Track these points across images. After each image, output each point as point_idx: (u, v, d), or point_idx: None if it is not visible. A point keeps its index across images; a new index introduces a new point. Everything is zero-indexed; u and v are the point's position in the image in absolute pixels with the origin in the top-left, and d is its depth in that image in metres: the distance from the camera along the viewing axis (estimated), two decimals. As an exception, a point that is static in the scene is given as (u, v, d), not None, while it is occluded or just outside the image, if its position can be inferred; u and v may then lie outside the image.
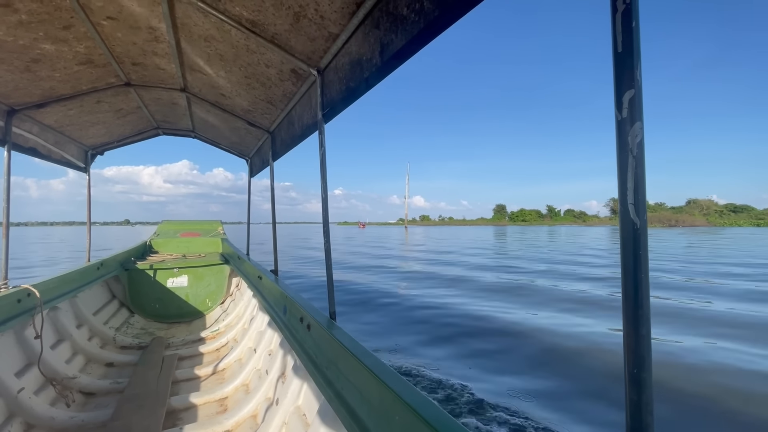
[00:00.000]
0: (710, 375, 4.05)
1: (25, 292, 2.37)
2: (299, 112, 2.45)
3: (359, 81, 1.51)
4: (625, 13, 0.59)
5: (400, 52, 1.22)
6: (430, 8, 1.04)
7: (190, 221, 6.38)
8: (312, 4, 1.47)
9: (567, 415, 3.24)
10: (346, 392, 1.34)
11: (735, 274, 11.76)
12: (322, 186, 1.94)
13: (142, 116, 3.52)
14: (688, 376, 4.00)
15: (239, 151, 4.44)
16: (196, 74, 2.55)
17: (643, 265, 0.60)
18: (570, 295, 8.45)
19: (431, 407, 0.95)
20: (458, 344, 5.08)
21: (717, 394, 3.62)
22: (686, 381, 3.90)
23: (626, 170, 0.60)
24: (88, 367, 2.85)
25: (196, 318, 4.37)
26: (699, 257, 17.26)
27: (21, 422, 2.02)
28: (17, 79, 2.20)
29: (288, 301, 2.27)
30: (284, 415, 1.95)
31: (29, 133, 2.77)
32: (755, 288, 9.23)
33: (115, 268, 4.10)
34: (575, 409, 3.35)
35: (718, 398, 3.55)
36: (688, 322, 6.17)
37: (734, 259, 16.05)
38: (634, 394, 0.60)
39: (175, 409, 2.33)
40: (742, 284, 9.77)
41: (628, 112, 0.60)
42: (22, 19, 1.71)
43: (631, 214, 0.60)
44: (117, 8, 1.80)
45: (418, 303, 7.64)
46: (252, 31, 1.78)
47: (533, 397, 3.56)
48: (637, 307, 0.60)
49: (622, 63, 0.60)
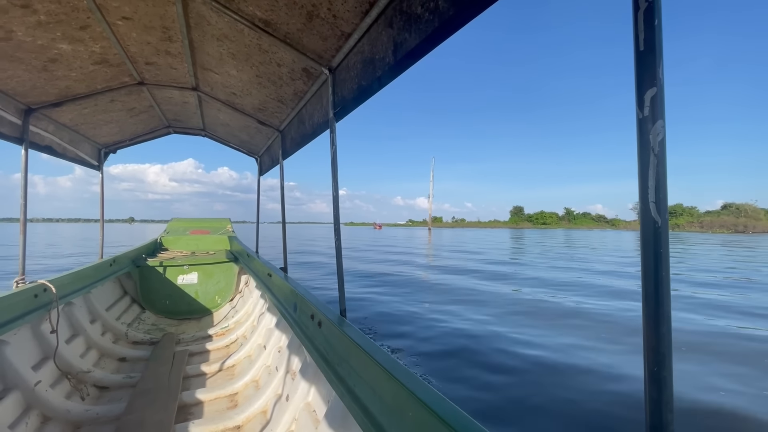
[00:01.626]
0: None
1: (41, 287, 2.42)
2: (310, 111, 2.46)
3: (371, 80, 1.52)
4: (648, 11, 0.59)
5: (414, 51, 1.22)
6: (445, 7, 1.04)
7: (200, 219, 6.46)
8: (325, 3, 1.48)
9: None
10: (358, 389, 1.35)
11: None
12: (333, 185, 1.95)
13: (153, 115, 3.56)
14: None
15: (249, 149, 4.48)
16: (208, 73, 2.58)
17: (664, 263, 0.60)
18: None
19: (445, 404, 0.96)
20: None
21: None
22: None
23: (647, 169, 0.60)
24: (102, 362, 2.91)
25: (206, 315, 4.42)
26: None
27: (38, 414, 2.06)
28: (35, 78, 2.25)
29: (298, 298, 2.29)
30: (294, 411, 1.97)
31: (45, 131, 2.82)
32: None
33: (126, 265, 4.17)
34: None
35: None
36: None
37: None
38: (655, 392, 0.60)
39: (186, 404, 2.36)
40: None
41: (650, 111, 0.60)
42: (40, 19, 1.75)
43: (653, 212, 0.60)
44: (133, 8, 1.82)
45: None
46: (265, 31, 1.80)
47: None
48: (658, 305, 0.60)
49: (644, 61, 0.60)
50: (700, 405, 3.54)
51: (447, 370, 4.24)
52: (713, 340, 5.52)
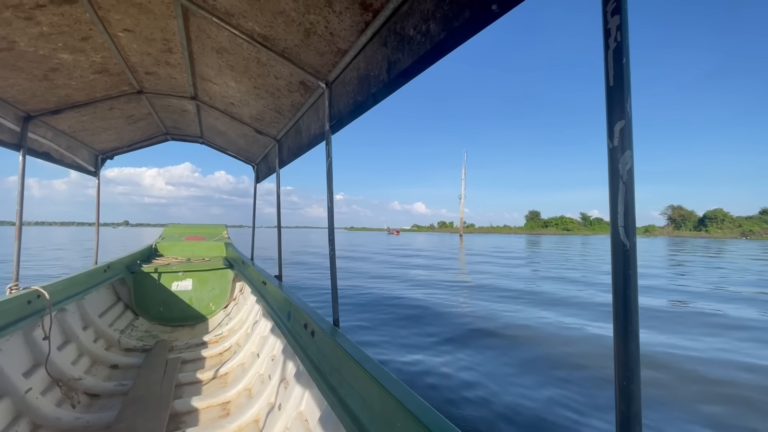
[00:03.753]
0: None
1: (35, 293, 2.42)
2: (307, 122, 2.51)
3: (366, 96, 1.57)
4: (617, 50, 0.64)
5: (407, 70, 1.27)
6: (435, 31, 1.09)
7: (195, 225, 6.45)
8: (322, 22, 1.54)
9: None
10: (349, 398, 1.37)
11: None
12: (329, 195, 1.99)
13: (152, 122, 3.60)
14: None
15: (246, 157, 4.51)
16: (207, 83, 2.63)
17: (632, 283, 0.63)
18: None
19: (432, 414, 0.98)
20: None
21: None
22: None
23: (617, 195, 0.64)
24: (93, 369, 2.89)
25: (200, 322, 4.41)
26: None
27: (28, 422, 2.05)
28: (35, 86, 2.28)
29: (292, 307, 2.31)
30: (286, 420, 1.98)
31: (43, 138, 2.84)
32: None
33: (121, 271, 4.16)
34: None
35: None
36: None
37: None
38: (624, 406, 0.63)
39: (178, 412, 2.36)
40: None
41: (619, 141, 0.64)
42: (43, 31, 1.78)
43: (622, 236, 0.64)
44: (134, 21, 1.87)
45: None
46: (263, 45, 1.85)
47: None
48: (627, 323, 0.63)
49: (614, 96, 0.65)
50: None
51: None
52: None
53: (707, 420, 3.56)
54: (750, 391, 4.23)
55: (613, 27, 0.64)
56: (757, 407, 3.86)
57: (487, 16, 0.92)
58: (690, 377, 4.61)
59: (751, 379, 4.57)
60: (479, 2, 0.92)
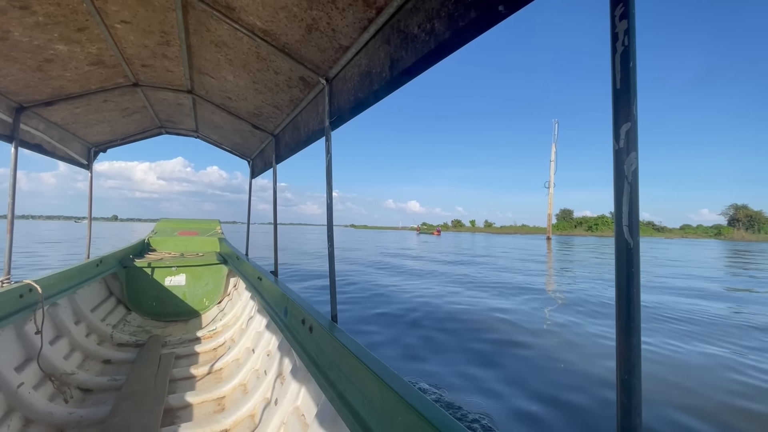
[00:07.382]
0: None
1: (27, 287, 2.38)
2: (305, 118, 2.50)
3: (368, 93, 1.57)
4: (624, 54, 0.65)
5: (410, 68, 1.27)
6: (440, 30, 1.10)
7: (189, 220, 6.39)
8: (325, 18, 1.53)
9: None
10: (348, 393, 1.38)
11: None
12: (328, 192, 1.99)
13: (146, 115, 3.55)
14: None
15: (241, 152, 4.48)
16: (204, 77, 2.60)
17: (635, 280, 0.66)
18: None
19: (433, 408, 1.00)
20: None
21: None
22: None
23: (622, 196, 0.66)
24: (86, 364, 2.86)
25: (193, 317, 4.38)
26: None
27: (20, 417, 2.03)
28: (28, 77, 2.23)
29: (289, 302, 2.31)
30: (283, 415, 1.99)
31: (36, 129, 2.79)
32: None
33: (113, 266, 4.11)
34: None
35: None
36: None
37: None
38: (625, 398, 0.66)
39: (172, 407, 2.35)
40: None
41: (625, 143, 0.66)
42: (38, 20, 1.75)
43: (626, 235, 0.66)
44: (132, 12, 1.84)
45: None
46: (263, 40, 1.84)
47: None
48: (629, 318, 0.66)
49: (621, 98, 0.66)
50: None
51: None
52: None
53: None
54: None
55: (621, 31, 0.65)
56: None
57: (493, 16, 0.92)
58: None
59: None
60: (485, 2, 0.93)
